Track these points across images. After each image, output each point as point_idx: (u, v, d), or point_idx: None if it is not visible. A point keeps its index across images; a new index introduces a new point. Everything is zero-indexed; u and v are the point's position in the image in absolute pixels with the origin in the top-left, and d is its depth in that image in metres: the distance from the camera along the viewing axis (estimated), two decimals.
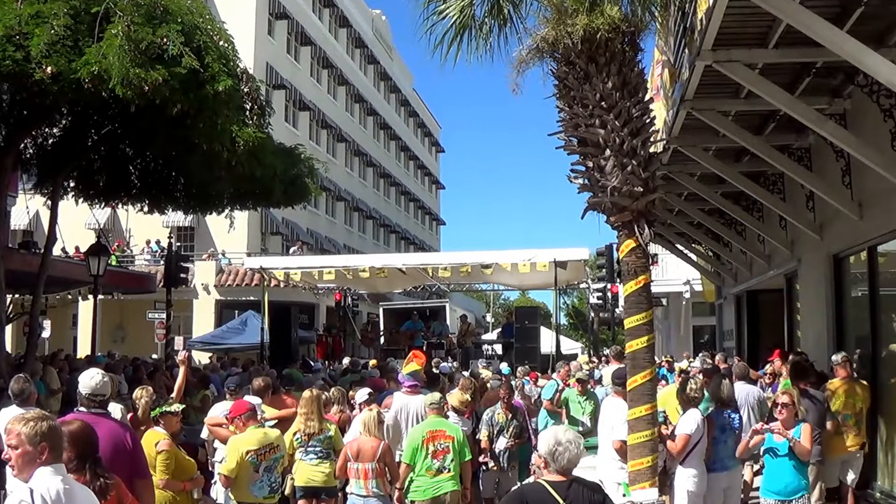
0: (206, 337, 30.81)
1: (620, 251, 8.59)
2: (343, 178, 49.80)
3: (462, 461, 9.70)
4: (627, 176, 8.32)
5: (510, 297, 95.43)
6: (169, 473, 7.67)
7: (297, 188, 20.03)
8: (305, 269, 23.78)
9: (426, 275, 23.86)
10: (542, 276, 22.41)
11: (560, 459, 5.24)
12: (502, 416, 12.04)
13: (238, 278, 34.75)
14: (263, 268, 23.94)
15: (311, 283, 27.37)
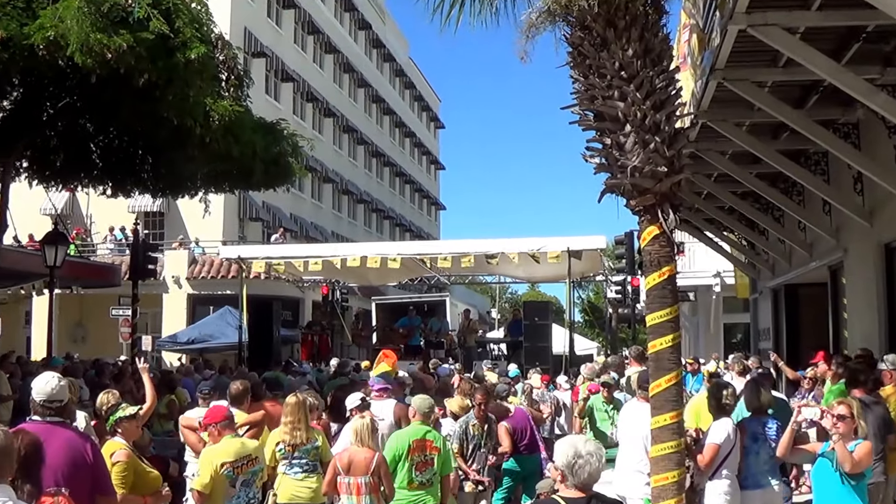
0: (178, 336, 30.85)
1: (642, 239, 8.57)
2: (331, 157, 49.78)
3: (443, 474, 9.85)
4: (650, 154, 8.29)
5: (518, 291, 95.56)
6: (126, 487, 7.64)
7: (279, 168, 20.01)
8: (289, 259, 23.76)
9: (424, 266, 23.85)
10: (554, 267, 22.38)
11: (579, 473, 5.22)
12: (477, 427, 11.80)
13: (213, 270, 34.73)
14: (242, 258, 23.92)
15: (296, 275, 27.35)
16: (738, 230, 24.65)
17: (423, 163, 73.71)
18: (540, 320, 23.85)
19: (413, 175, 68.20)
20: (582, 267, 23.52)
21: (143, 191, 21.74)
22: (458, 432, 11.67)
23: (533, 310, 24.99)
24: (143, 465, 7.96)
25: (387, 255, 22.52)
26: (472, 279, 33.22)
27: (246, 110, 17.31)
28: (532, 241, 21.48)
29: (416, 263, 23.62)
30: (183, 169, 19.00)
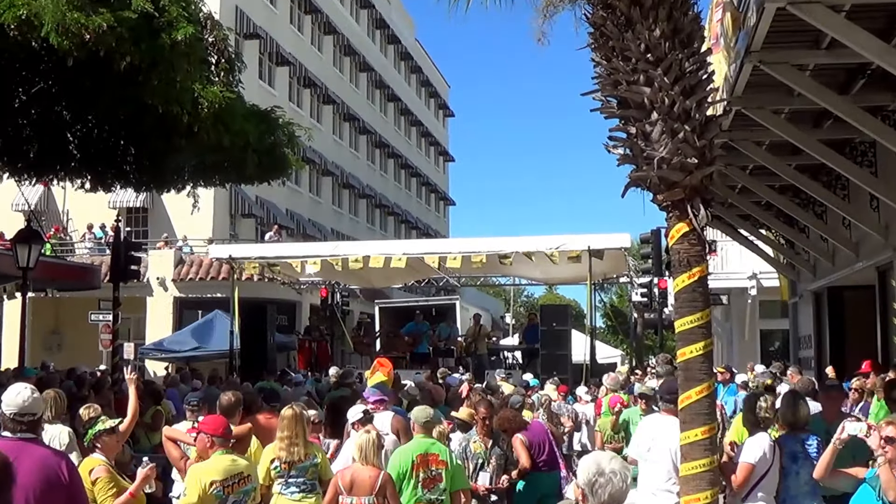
0: (163, 343, 30.85)
1: (670, 237, 8.53)
2: (331, 147, 49.84)
3: (453, 490, 9.81)
4: (679, 144, 8.26)
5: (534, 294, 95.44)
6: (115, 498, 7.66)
7: (273, 160, 20.01)
8: (284, 258, 23.81)
9: (432, 266, 23.82)
10: (574, 267, 22.36)
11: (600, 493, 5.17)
12: (479, 444, 11.43)
13: (202, 271, 34.78)
14: (233, 258, 23.98)
15: (292, 277, 27.37)
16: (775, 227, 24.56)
17: (431, 154, 73.75)
18: (558, 326, 23.83)
19: (420, 167, 68.25)
20: (604, 267, 23.47)
21: (125, 185, 21.75)
22: (458, 451, 11.20)
23: (550, 314, 25.01)
24: (124, 484, 7.96)
25: (391, 254, 22.54)
26: (484, 281, 33.22)
27: (238, 97, 17.31)
28: (550, 239, 21.50)
29: (423, 264, 23.60)
30: (169, 161, 18.99)
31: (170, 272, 35.33)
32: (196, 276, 34.81)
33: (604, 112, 8.78)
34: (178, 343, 30.13)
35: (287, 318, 34.83)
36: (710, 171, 8.42)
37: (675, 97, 8.30)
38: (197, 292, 34.68)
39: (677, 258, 8.47)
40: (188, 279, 34.93)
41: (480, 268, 22.79)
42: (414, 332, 29.16)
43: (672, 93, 8.30)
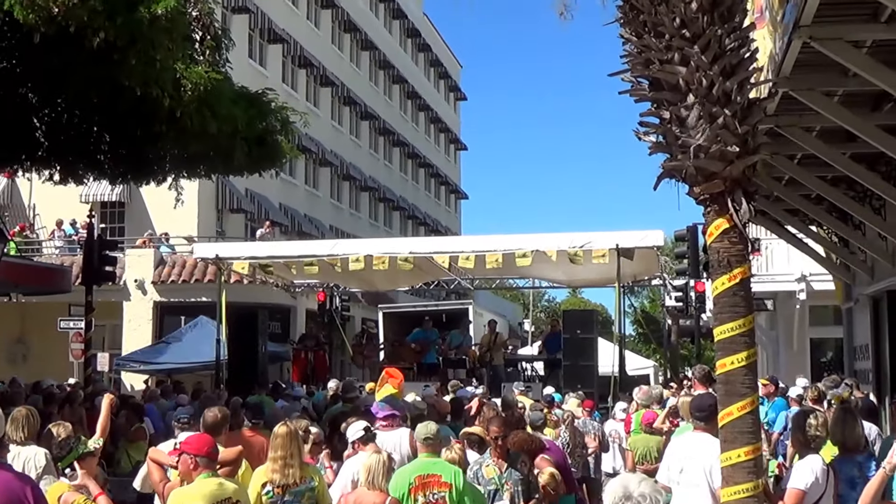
0: (142, 354, 30.91)
1: (708, 234, 8.50)
2: (329, 134, 49.92)
3: None
4: (718, 130, 8.23)
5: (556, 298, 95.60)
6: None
7: (265, 149, 20.04)
8: (278, 259, 23.79)
9: (442, 267, 23.82)
10: (601, 268, 22.32)
11: None
12: (493, 468, 10.76)
13: (185, 272, 34.82)
14: (220, 257, 23.97)
15: (286, 279, 27.39)
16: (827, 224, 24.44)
17: (441, 142, 73.80)
18: (583, 333, 23.82)
19: (428, 157, 68.31)
20: (634, 268, 23.43)
21: (98, 176, 21.79)
22: (469, 476, 10.71)
23: (574, 320, 24.97)
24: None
25: (397, 253, 22.50)
26: (499, 283, 33.17)
27: (225, 78, 17.34)
28: (574, 236, 21.45)
29: (432, 264, 23.60)
30: (148, 149, 19.02)
31: (149, 274, 35.36)
32: (178, 278, 34.85)
33: (634, 95, 8.75)
34: (158, 353, 30.21)
35: (280, 325, 34.86)
36: (754, 161, 8.39)
37: (713, 78, 8.28)
38: (179, 296, 34.72)
39: (716, 258, 8.44)
40: (170, 281, 34.97)
41: (496, 268, 22.75)
42: (422, 340, 29.17)
43: (710, 73, 8.28)
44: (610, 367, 23.47)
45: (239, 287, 30.03)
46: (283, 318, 35.81)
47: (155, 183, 21.61)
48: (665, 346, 43.42)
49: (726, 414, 8.36)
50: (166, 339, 31.49)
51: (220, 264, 24.06)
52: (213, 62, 16.64)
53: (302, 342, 30.52)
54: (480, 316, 34.71)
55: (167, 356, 29.58)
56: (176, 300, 34.82)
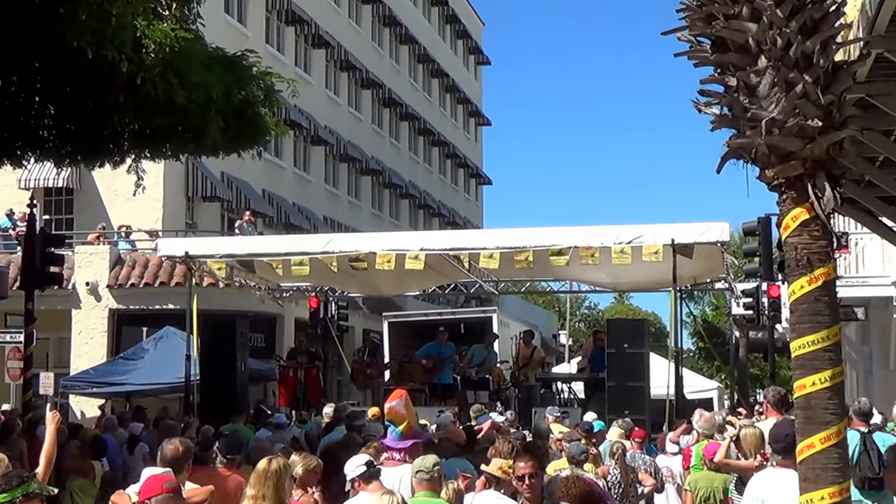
0: (95, 373, 30.85)
1: (783, 227, 8.46)
2: (323, 106, 50.00)
3: None
4: (796, 101, 8.19)
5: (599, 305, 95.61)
6: None
7: (245, 123, 20.06)
8: (261, 257, 23.81)
9: (460, 266, 23.80)
10: (653, 268, 22.29)
11: None
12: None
13: (148, 274, 34.84)
14: (191, 255, 23.99)
15: (271, 281, 27.39)
16: None
17: (460, 115, 73.81)
18: (631, 348, 23.72)
19: (444, 133, 68.32)
20: (694, 269, 23.36)
21: (41, 157, 21.79)
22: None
23: (621, 332, 24.86)
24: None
25: (405, 250, 22.49)
26: (530, 287, 33.15)
27: (196, 37, 17.34)
28: (620, 229, 21.41)
29: (448, 264, 23.60)
30: (102, 124, 19.01)
31: (104, 276, 35.37)
32: (140, 280, 34.86)
33: (693, 57, 8.72)
34: (115, 372, 30.11)
35: (264, 338, 34.85)
36: (840, 138, 8.36)
37: (790, 36, 8.24)
38: (141, 303, 34.73)
39: (794, 256, 8.40)
40: (129, 285, 34.97)
41: (526, 269, 22.71)
42: (435, 356, 29.07)
43: (787, 30, 8.24)
44: (664, 389, 23.46)
45: (213, 292, 30.00)
46: (268, 330, 35.81)
47: (111, 165, 21.59)
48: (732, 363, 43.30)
49: (807, 446, 8.30)
50: (125, 354, 31.37)
51: (191, 264, 24.08)
52: (182, 18, 16.65)
53: (291, 358, 30.42)
54: (507, 326, 34.69)
55: (126, 376, 29.49)
56: (137, 307, 34.80)
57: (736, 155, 8.53)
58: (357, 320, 38.56)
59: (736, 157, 8.55)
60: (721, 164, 8.62)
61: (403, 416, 11.85)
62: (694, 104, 8.73)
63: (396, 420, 11.89)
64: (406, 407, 11.84)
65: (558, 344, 65.16)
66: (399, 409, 11.84)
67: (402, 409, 11.83)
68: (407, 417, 11.90)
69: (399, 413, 11.83)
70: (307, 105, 44.41)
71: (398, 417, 11.82)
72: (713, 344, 55.85)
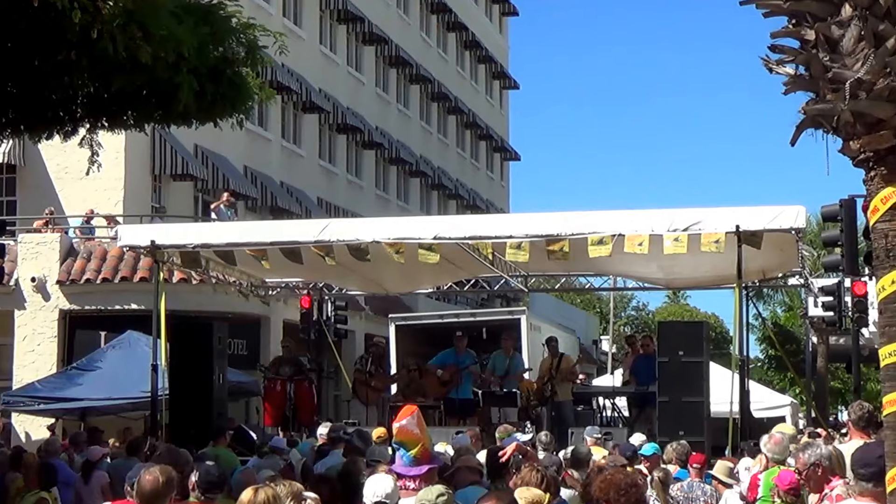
0: (42, 386, 30.86)
1: (871, 211, 8.43)
2: (317, 66, 50.07)
3: None
4: (888, 58, 8.17)
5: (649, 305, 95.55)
6: None
7: (223, 86, 20.03)
8: (242, 246, 23.82)
9: (482, 259, 23.78)
10: (713, 261, 22.28)
11: None
12: None
13: (106, 268, 34.88)
14: (158, 245, 23.99)
15: (254, 277, 27.41)
16: None
17: (482, 77, 73.78)
18: (687, 356, 23.67)
19: (463, 99, 68.26)
20: (763, 261, 23.36)
21: None
22: None
23: (675, 337, 24.76)
24: None
25: (416, 239, 22.48)
26: (566, 283, 33.11)
27: None
28: (674, 213, 21.33)
29: (467, 255, 23.57)
30: (50, 87, 19.03)
31: (53, 270, 35.39)
32: (96, 275, 34.86)
33: (762, 6, 8.70)
34: (66, 385, 30.08)
35: (246, 345, 34.92)
36: None
37: None
38: (98, 302, 34.75)
39: (884, 245, 8.38)
40: (84, 281, 34.97)
41: (561, 261, 22.70)
42: (452, 365, 29.08)
43: None
44: (727, 406, 23.42)
45: (185, 289, 30.08)
46: (251, 335, 35.88)
47: (61, 137, 21.57)
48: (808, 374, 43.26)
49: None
50: (78, 364, 31.34)
51: (158, 255, 24.08)
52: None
53: (278, 369, 30.40)
54: (537, 331, 34.68)
55: (80, 390, 29.45)
56: (92, 308, 34.83)
57: (814, 123, 8.51)
58: (358, 323, 38.59)
59: (814, 127, 8.52)
60: (796, 134, 8.60)
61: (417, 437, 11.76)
62: (763, 62, 8.70)
63: (408, 442, 11.79)
64: (419, 425, 11.75)
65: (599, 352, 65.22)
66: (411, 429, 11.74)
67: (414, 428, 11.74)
68: (421, 438, 11.82)
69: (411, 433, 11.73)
70: (298, 65, 44.50)
71: (410, 438, 11.72)
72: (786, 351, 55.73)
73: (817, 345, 40.70)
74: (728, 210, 21.23)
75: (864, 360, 32.17)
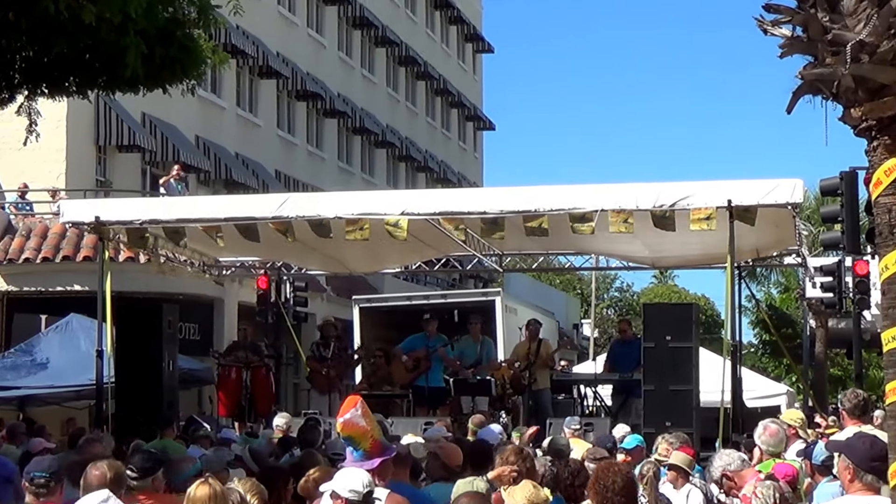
0: None
1: (873, 184, 8.45)
2: (275, 29, 50.04)
3: None
4: (892, 18, 8.20)
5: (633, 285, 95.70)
6: None
7: (173, 50, 20.01)
8: (194, 223, 23.79)
9: (453, 236, 23.77)
10: (703, 238, 22.31)
11: None
12: None
13: (46, 246, 34.83)
14: (103, 222, 23.94)
15: (207, 255, 27.37)
16: None
17: (453, 40, 73.76)
18: (675, 341, 23.70)
19: (433, 63, 68.33)
20: (757, 239, 23.40)
21: None
22: None
23: (662, 321, 24.79)
24: None
25: (382, 215, 22.47)
26: (544, 262, 33.11)
27: None
28: (661, 187, 21.34)
29: (437, 232, 23.55)
30: None
31: None
32: (36, 254, 34.84)
33: None
34: (3, 373, 30.02)
35: (199, 328, 34.89)
36: None
37: None
38: (38, 283, 34.77)
39: (887, 220, 8.40)
40: (22, 260, 34.97)
41: (539, 239, 22.71)
42: (421, 350, 29.05)
43: None
44: (717, 395, 23.47)
45: (133, 269, 30.04)
46: (204, 318, 35.87)
47: None
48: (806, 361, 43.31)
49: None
50: (17, 350, 31.38)
51: (103, 232, 24.03)
52: None
53: (233, 354, 30.35)
54: (513, 313, 34.70)
55: (19, 377, 29.47)
56: (32, 289, 34.88)
57: (812, 89, 8.53)
58: (319, 306, 38.59)
59: (812, 93, 8.54)
60: (792, 101, 8.61)
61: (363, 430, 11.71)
62: (757, 23, 8.72)
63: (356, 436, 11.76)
64: (364, 416, 11.68)
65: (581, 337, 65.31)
66: (356, 422, 11.66)
67: (360, 420, 11.68)
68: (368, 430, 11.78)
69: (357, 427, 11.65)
70: (254, 27, 44.47)
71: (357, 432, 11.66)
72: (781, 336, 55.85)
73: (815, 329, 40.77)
74: (719, 184, 21.23)
75: (866, 345, 32.24)
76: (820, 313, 37.27)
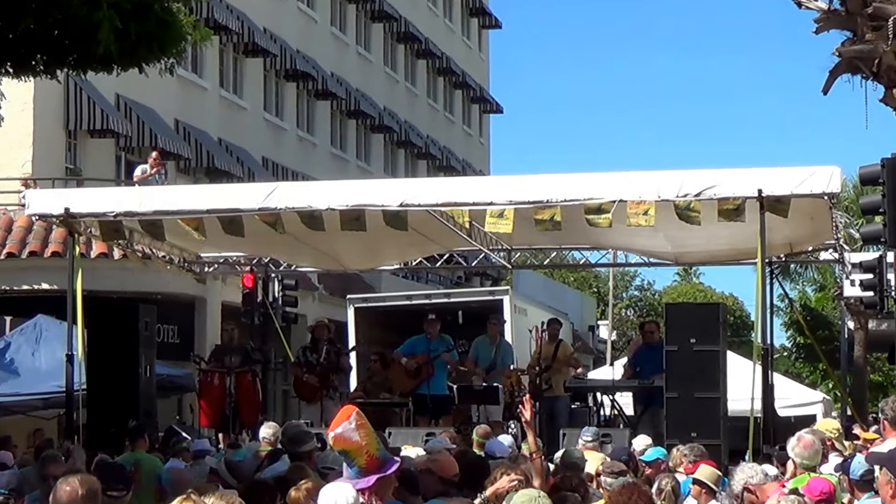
0: None
1: None
2: (262, 3, 50.09)
3: None
4: None
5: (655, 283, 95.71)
6: None
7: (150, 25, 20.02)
8: (172, 216, 23.80)
9: (457, 228, 23.77)
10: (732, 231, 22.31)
11: None
12: None
13: (12, 241, 34.88)
14: (73, 214, 23.96)
15: (188, 251, 27.37)
16: None
17: (457, 14, 73.76)
18: (700, 344, 23.68)
19: (435, 42, 68.31)
20: (791, 232, 23.40)
21: None
22: None
23: (686, 322, 24.78)
24: None
25: (380, 206, 22.46)
26: (556, 258, 33.11)
27: None
28: (684, 175, 21.29)
29: (440, 225, 23.56)
30: None
31: None
32: (0, 250, 34.88)
33: None
34: None
35: (178, 331, 34.91)
36: None
37: None
38: (2, 281, 34.72)
39: None
40: None
41: (551, 232, 22.71)
42: (423, 355, 29.02)
43: None
44: (747, 403, 23.44)
45: (106, 266, 30.06)
46: (184, 320, 35.89)
47: None
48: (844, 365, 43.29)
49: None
50: None
51: (74, 226, 24.04)
52: None
53: (216, 360, 30.32)
54: (523, 314, 34.70)
55: None
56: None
57: (850, 68, 8.57)
58: (310, 306, 38.63)
59: (850, 72, 8.58)
60: (829, 81, 8.66)
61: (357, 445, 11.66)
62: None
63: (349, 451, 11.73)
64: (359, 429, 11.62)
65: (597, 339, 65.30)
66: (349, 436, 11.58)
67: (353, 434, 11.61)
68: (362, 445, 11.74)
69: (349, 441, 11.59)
70: (238, 1, 44.40)
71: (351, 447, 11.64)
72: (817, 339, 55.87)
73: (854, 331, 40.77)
74: (749, 171, 21.15)
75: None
76: (859, 314, 37.31)
